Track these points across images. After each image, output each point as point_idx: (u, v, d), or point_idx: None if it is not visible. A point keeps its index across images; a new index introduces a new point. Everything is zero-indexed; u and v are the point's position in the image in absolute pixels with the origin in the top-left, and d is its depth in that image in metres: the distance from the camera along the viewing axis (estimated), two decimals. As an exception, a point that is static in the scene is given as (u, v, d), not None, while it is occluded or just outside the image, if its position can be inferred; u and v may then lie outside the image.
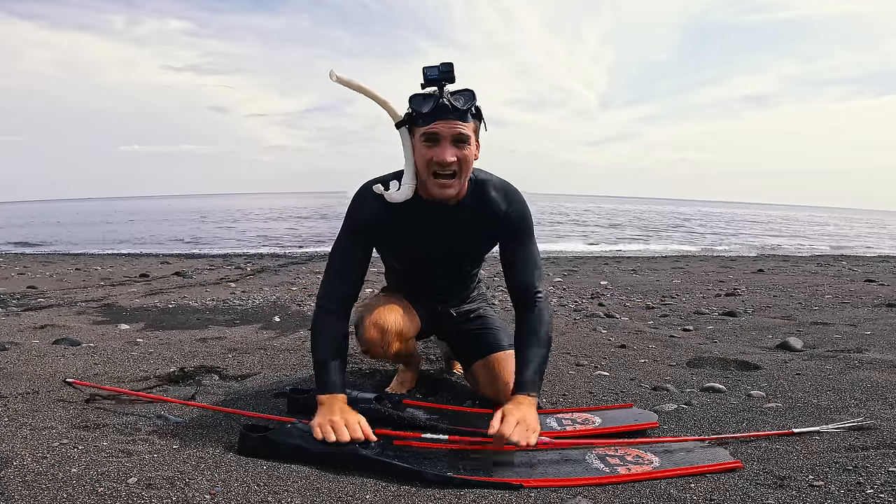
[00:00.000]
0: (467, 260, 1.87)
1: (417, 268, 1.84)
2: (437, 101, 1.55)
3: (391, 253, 1.83)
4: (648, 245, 13.91)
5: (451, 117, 1.55)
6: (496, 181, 1.73)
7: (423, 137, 1.58)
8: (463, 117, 1.57)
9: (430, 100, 1.56)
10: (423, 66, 1.57)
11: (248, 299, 4.51)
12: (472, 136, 1.60)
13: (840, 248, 13.77)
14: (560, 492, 1.25)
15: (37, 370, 2.17)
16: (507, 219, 1.70)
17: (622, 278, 6.25)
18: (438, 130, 1.55)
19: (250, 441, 1.42)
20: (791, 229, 22.80)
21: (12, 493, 1.16)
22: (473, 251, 1.82)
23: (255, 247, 12.29)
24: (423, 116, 1.57)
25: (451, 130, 1.55)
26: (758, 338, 3.02)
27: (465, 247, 1.78)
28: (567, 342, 2.90)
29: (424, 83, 1.58)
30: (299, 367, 2.35)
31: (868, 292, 4.87)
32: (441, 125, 1.55)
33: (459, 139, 1.57)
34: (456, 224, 1.70)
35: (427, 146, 1.58)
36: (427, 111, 1.56)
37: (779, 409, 1.82)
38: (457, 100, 1.55)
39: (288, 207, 36.03)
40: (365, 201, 1.66)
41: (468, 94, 1.57)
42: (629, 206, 58.26)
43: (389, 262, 1.93)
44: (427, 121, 1.56)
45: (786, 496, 1.20)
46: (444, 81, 1.56)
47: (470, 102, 1.57)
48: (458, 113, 1.56)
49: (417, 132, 1.60)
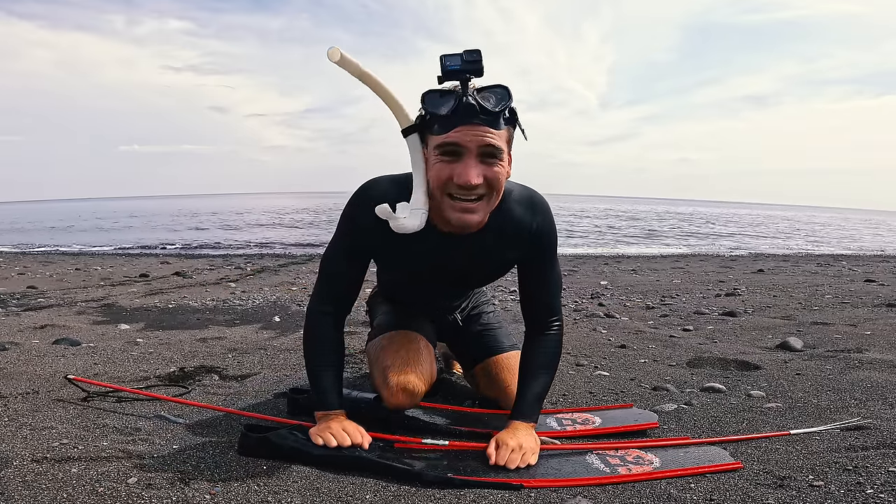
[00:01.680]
0: (483, 283, 1.68)
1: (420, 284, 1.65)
2: (460, 100, 1.20)
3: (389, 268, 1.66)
4: (648, 245, 13.90)
5: (477, 122, 1.20)
6: (518, 191, 1.43)
7: (439, 150, 1.24)
8: (494, 123, 1.22)
9: (449, 98, 1.22)
10: (440, 55, 1.21)
11: (248, 299, 4.51)
12: (504, 149, 1.25)
13: (840, 248, 13.76)
14: (560, 492, 1.25)
15: (37, 370, 2.17)
16: (535, 235, 1.43)
17: (622, 278, 6.25)
18: (460, 140, 1.21)
19: (250, 441, 1.42)
20: (791, 230, 22.79)
21: (12, 493, 1.16)
22: (493, 275, 1.59)
23: (255, 247, 12.29)
24: (441, 120, 1.22)
25: (478, 140, 1.21)
26: (758, 338, 3.02)
27: (483, 273, 1.55)
28: (567, 342, 2.89)
29: (443, 76, 1.22)
30: (299, 367, 2.35)
31: (868, 292, 4.87)
32: (464, 132, 1.21)
33: (488, 153, 1.22)
34: (473, 252, 1.43)
35: (445, 161, 1.24)
36: (446, 113, 1.21)
37: (779, 409, 1.82)
38: (486, 99, 1.21)
39: (288, 209, 35.95)
40: (362, 208, 1.38)
41: (501, 91, 1.23)
42: (628, 206, 58.24)
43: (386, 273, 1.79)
44: (445, 127, 1.22)
45: (786, 496, 1.20)
46: (468, 74, 1.21)
47: (503, 103, 1.22)
48: (488, 117, 1.21)
49: (432, 141, 1.25)
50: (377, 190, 1.39)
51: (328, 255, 1.49)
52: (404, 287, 1.79)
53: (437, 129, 1.24)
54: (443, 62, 1.21)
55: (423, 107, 1.26)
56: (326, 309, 1.49)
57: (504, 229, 1.41)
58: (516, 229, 1.42)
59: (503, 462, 1.34)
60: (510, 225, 1.41)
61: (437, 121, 1.24)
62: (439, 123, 1.23)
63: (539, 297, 1.52)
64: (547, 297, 1.52)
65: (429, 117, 1.26)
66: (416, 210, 1.30)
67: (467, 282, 1.66)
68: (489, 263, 1.50)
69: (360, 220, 1.40)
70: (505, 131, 1.26)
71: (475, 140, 1.21)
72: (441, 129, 1.23)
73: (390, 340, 1.66)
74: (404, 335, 1.67)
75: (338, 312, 1.50)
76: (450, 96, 1.22)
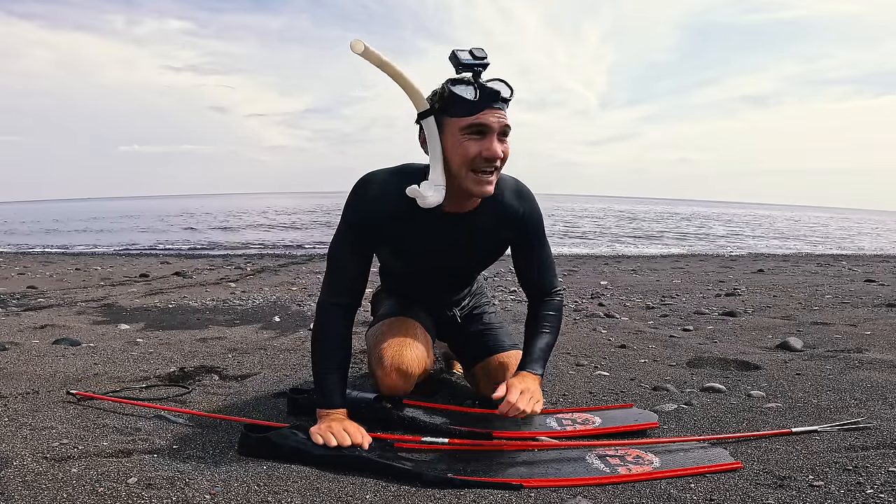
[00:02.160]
0: (480, 267, 1.80)
1: (422, 274, 1.74)
2: (483, 87, 1.40)
3: (392, 257, 1.71)
4: (648, 245, 13.90)
5: (497, 106, 1.41)
6: (507, 179, 1.60)
7: (467, 129, 1.41)
8: (506, 107, 1.44)
9: (471, 87, 1.40)
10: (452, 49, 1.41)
11: (248, 299, 4.51)
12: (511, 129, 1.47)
13: (840, 248, 13.77)
14: (560, 492, 1.25)
15: (37, 370, 2.18)
16: (523, 221, 1.61)
17: (622, 278, 6.25)
18: (487, 121, 1.40)
19: (250, 441, 1.42)
20: (791, 230, 22.80)
21: (12, 493, 1.16)
22: (488, 259, 1.73)
23: (255, 246, 12.29)
24: (467, 105, 1.40)
25: (500, 121, 1.41)
26: (758, 338, 3.02)
27: (480, 255, 1.69)
28: (567, 342, 2.90)
29: (460, 68, 1.41)
30: (299, 367, 2.35)
31: (868, 292, 4.87)
32: (490, 114, 1.40)
33: (505, 132, 1.44)
34: (471, 232, 1.58)
35: (473, 139, 1.41)
36: (473, 99, 1.39)
37: (779, 409, 1.82)
38: (503, 88, 1.42)
39: (289, 209, 35.93)
40: (366, 195, 1.50)
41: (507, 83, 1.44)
42: (627, 206, 58.23)
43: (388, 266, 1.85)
44: (472, 110, 1.40)
45: (786, 496, 1.20)
46: (479, 68, 1.41)
47: (513, 92, 1.44)
48: (505, 102, 1.43)
49: (456, 123, 1.42)
50: (377, 180, 1.52)
51: (334, 248, 1.55)
52: (406, 279, 1.82)
53: (461, 112, 1.40)
54: (459, 56, 1.39)
55: (451, 91, 1.40)
56: (337, 301, 1.53)
57: (496, 210, 1.57)
58: (507, 210, 1.58)
59: (514, 400, 1.48)
60: (501, 206, 1.57)
61: (462, 105, 1.40)
62: (465, 107, 1.40)
63: (537, 274, 1.69)
64: (545, 272, 1.70)
65: (452, 102, 1.41)
66: (440, 186, 1.44)
67: (467, 264, 1.72)
68: (483, 245, 1.63)
69: (363, 209, 1.50)
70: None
71: (498, 121, 1.41)
72: (467, 112, 1.40)
73: (389, 326, 1.75)
74: (402, 321, 1.76)
75: (347, 304, 1.54)
76: (470, 85, 1.40)
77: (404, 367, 1.62)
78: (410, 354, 1.64)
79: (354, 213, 1.51)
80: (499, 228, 1.60)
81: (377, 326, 1.79)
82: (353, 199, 1.52)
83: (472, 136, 1.41)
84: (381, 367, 1.63)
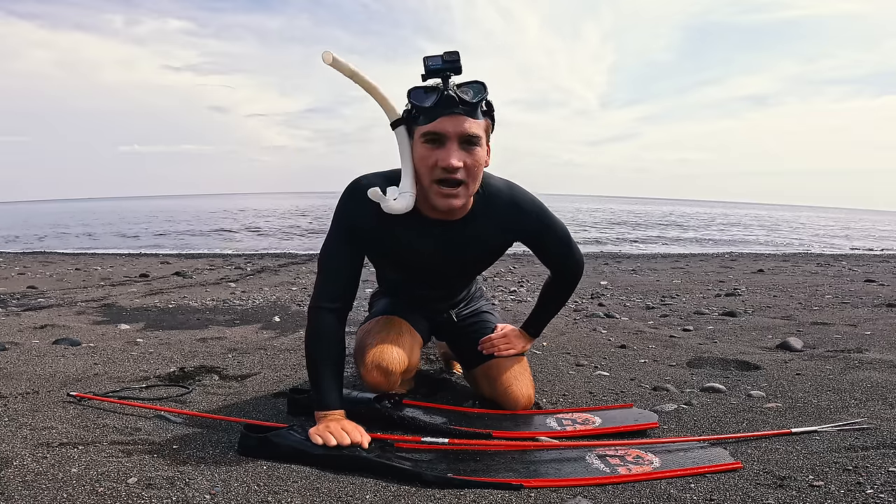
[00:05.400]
0: (472, 273, 1.79)
1: (412, 278, 1.73)
2: (442, 93, 1.33)
3: (382, 261, 1.71)
4: (648, 245, 13.90)
5: (457, 112, 1.33)
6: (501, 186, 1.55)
7: (424, 137, 1.36)
8: (472, 113, 1.35)
9: (432, 93, 1.34)
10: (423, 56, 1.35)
11: (248, 299, 4.51)
12: (482, 137, 1.38)
13: (840, 248, 13.76)
14: (560, 492, 1.25)
15: (37, 370, 2.17)
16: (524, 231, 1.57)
17: (622, 278, 6.25)
18: (443, 129, 1.34)
19: (250, 441, 1.42)
20: (791, 230, 22.80)
21: (12, 493, 1.16)
22: (480, 266, 1.71)
23: (255, 247, 12.28)
24: (425, 112, 1.35)
25: (458, 129, 1.34)
26: (758, 338, 3.02)
27: (471, 262, 1.65)
28: (567, 342, 2.90)
29: (426, 75, 1.35)
30: (299, 367, 2.35)
31: (868, 292, 4.87)
32: (446, 122, 1.33)
33: (467, 140, 1.35)
34: (461, 240, 1.54)
35: (429, 148, 1.36)
36: (429, 105, 1.34)
37: (779, 409, 1.82)
38: (465, 92, 1.34)
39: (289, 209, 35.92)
40: (355, 199, 1.47)
41: (478, 86, 1.36)
42: (627, 206, 58.24)
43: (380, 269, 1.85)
44: (429, 117, 1.35)
45: (786, 496, 1.20)
46: (448, 73, 1.34)
47: (480, 95, 1.35)
48: (467, 108, 1.34)
49: (418, 132, 1.38)
50: (368, 176, 1.51)
51: (326, 251, 1.53)
52: (398, 281, 1.83)
53: (422, 120, 1.37)
54: (426, 62, 1.34)
55: (410, 100, 1.37)
56: (328, 305, 1.50)
57: (489, 219, 1.53)
58: (501, 220, 1.54)
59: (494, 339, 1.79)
60: (495, 215, 1.53)
61: (422, 113, 1.36)
62: (424, 115, 1.36)
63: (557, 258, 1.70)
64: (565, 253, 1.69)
65: (414, 110, 1.38)
66: (405, 193, 1.41)
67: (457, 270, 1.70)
68: (475, 250, 1.60)
69: (353, 213, 1.49)
70: (483, 122, 1.39)
71: (456, 128, 1.34)
72: (426, 120, 1.36)
73: (376, 324, 1.77)
74: (390, 320, 1.77)
75: (339, 308, 1.52)
76: (433, 91, 1.35)
77: (385, 364, 1.62)
78: (392, 352, 1.64)
79: (344, 217, 1.50)
80: (491, 237, 1.56)
81: (366, 324, 1.82)
82: (342, 203, 1.50)
83: (428, 144, 1.37)
84: (363, 364, 1.66)
